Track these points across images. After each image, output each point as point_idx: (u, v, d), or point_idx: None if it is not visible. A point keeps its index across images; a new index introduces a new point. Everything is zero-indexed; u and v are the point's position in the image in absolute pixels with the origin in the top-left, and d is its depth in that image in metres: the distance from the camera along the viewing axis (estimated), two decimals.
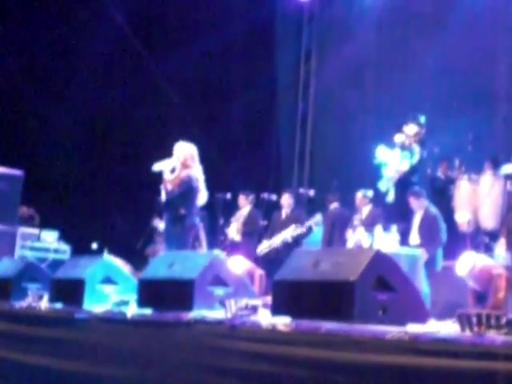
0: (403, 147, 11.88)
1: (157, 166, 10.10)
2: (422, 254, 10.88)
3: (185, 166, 9.99)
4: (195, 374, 5.14)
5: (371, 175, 12.39)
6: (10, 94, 16.26)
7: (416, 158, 11.82)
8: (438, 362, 3.71)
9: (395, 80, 14.55)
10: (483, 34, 13.55)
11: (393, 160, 11.83)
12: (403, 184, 11.79)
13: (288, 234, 12.65)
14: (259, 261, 12.21)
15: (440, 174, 12.80)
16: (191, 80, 16.72)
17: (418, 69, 14.16)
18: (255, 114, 16.88)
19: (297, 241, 12.70)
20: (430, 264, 10.95)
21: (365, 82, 15.25)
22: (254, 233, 13.13)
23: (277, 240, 12.81)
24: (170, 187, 9.99)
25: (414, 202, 11.63)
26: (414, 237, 11.41)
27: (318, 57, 17.93)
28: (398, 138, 11.95)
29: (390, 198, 11.85)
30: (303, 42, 18.19)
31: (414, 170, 11.87)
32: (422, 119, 11.93)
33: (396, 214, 11.77)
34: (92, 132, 16.75)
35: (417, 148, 11.82)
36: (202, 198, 10.14)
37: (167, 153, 10.20)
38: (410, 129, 11.82)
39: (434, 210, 11.78)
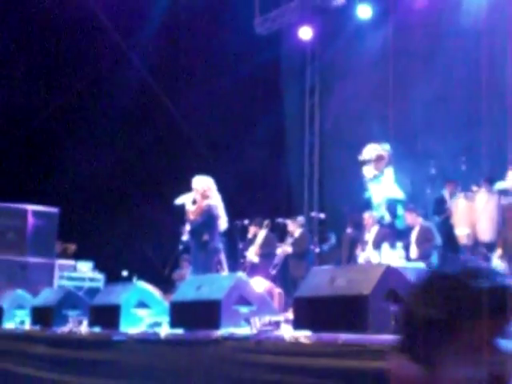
0: (372, 178, 11.83)
1: (179, 200, 10.15)
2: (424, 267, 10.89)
3: (204, 196, 10.03)
4: None
5: None
6: (47, 143, 16.36)
7: (387, 177, 11.75)
8: None
9: (395, 110, 14.58)
10: (468, 65, 13.59)
11: (375, 191, 11.82)
12: (392, 207, 11.76)
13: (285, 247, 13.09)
14: (276, 280, 12.24)
15: (446, 193, 12.76)
16: (207, 118, 16.80)
17: (415, 99, 14.17)
18: (266, 146, 16.92)
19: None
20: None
21: (366, 113, 15.25)
22: (270, 255, 13.14)
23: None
24: (192, 217, 10.03)
25: (409, 217, 11.68)
26: (413, 250, 11.43)
27: (321, 92, 17.99)
28: (365, 170, 11.88)
29: (387, 219, 11.83)
30: (307, 79, 18.24)
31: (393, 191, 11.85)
32: (386, 146, 11.85)
33: (395, 232, 11.79)
34: (119, 172, 16.79)
35: (383, 175, 11.73)
36: (223, 223, 10.17)
37: (188, 186, 10.23)
38: (367, 153, 11.67)
39: (427, 223, 11.83)
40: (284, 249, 13.25)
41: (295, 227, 13.47)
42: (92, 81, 16.37)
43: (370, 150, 11.54)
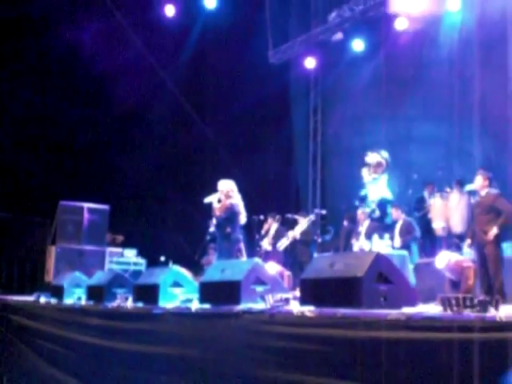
0: (371, 180, 11.82)
1: (207, 199, 10.17)
2: (407, 254, 10.88)
3: (228, 196, 10.05)
4: (244, 353, 5.14)
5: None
6: (101, 153, 16.45)
7: (381, 185, 11.74)
8: (427, 335, 3.70)
9: (384, 126, 14.59)
10: (443, 89, 13.60)
11: (370, 190, 11.81)
12: (383, 206, 11.76)
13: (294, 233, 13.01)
14: (286, 264, 12.24)
15: (426, 194, 12.76)
16: (230, 132, 16.83)
17: (401, 117, 14.18)
18: (279, 156, 16.97)
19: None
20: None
21: (360, 128, 15.27)
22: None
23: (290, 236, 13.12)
24: (218, 213, 10.05)
25: (394, 213, 11.65)
26: (397, 240, 11.41)
27: (323, 111, 18.04)
28: (364, 172, 11.86)
29: (377, 214, 11.81)
30: (311, 101, 18.29)
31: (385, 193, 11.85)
32: (384, 153, 11.84)
33: (383, 225, 11.79)
34: (159, 176, 16.85)
35: (379, 179, 11.71)
36: (243, 218, 10.18)
37: (214, 187, 10.26)
38: (371, 158, 11.68)
39: (409, 218, 11.83)
40: (293, 234, 13.27)
41: (304, 221, 13.46)
42: (139, 101, 16.44)
43: (374, 156, 11.54)
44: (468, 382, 3.43)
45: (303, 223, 13.34)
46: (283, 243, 13.11)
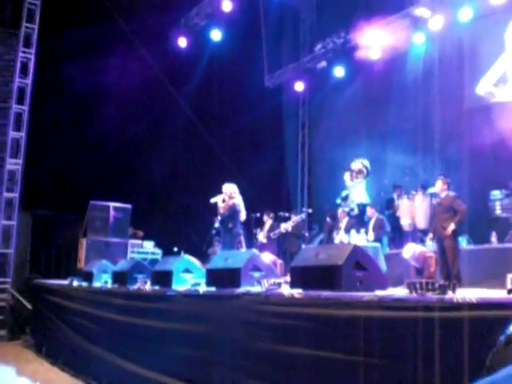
0: (351, 184, 11.88)
1: (213, 199, 10.18)
2: (379, 246, 10.89)
3: (231, 197, 10.07)
4: (243, 328, 5.14)
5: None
6: (124, 160, 16.47)
7: (360, 188, 11.77)
8: (396, 313, 3.70)
9: (362, 139, 14.61)
10: (411, 108, 13.64)
11: (351, 191, 11.86)
12: (362, 206, 11.79)
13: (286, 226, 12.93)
14: (279, 254, 12.23)
15: (395, 195, 12.78)
16: (232, 144, 16.84)
17: (376, 132, 14.18)
18: (273, 163, 16.97)
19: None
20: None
21: (342, 142, 15.28)
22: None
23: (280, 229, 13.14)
24: (222, 211, 10.08)
25: (369, 211, 11.67)
26: (371, 234, 11.41)
27: (309, 127, 18.06)
28: (346, 175, 11.93)
29: (356, 212, 11.83)
30: (300, 118, 18.30)
31: (363, 196, 11.87)
32: (366, 162, 11.88)
33: (360, 222, 11.81)
34: (173, 179, 16.87)
35: (359, 183, 11.76)
36: (243, 216, 10.20)
37: (220, 190, 10.27)
38: (355, 165, 11.78)
39: (381, 216, 11.84)
40: (286, 226, 13.25)
41: (295, 218, 13.45)
42: (156, 117, 16.48)
43: (357, 164, 11.64)
44: (430, 354, 3.43)
45: (294, 219, 13.34)
46: (276, 233, 13.14)
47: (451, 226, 9.28)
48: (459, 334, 3.28)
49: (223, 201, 10.15)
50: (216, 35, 16.41)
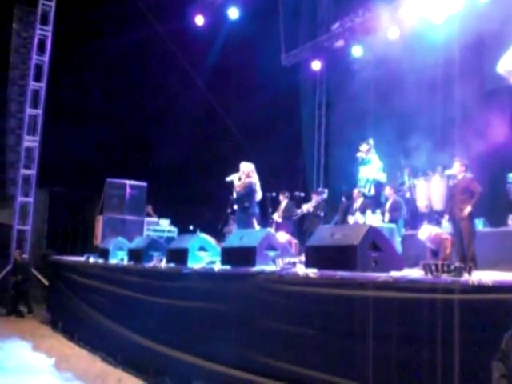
0: (363, 160, 11.86)
1: (229, 178, 10.17)
2: (395, 227, 10.86)
3: (247, 176, 10.03)
4: (258, 306, 5.16)
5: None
6: (141, 140, 16.52)
7: (374, 164, 11.74)
8: (412, 295, 3.69)
9: (378, 119, 14.50)
10: (426, 92, 13.51)
11: (364, 172, 11.84)
12: (378, 187, 11.75)
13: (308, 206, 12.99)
14: (294, 234, 12.22)
15: (406, 176, 12.72)
16: (249, 123, 16.80)
17: (399, 112, 14.02)
18: (290, 143, 16.93)
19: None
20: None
21: (358, 121, 15.20)
22: (289, 217, 13.12)
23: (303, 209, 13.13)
24: (238, 189, 10.05)
25: (388, 191, 11.64)
26: (387, 216, 11.38)
27: (326, 106, 17.98)
28: (359, 154, 11.94)
29: (372, 192, 11.80)
30: (317, 97, 18.22)
31: (378, 171, 11.82)
32: (371, 141, 11.88)
33: (376, 202, 11.78)
34: (189, 158, 16.90)
35: (371, 157, 11.77)
36: (259, 196, 10.16)
37: (235, 169, 10.25)
38: (363, 147, 11.78)
39: (398, 197, 11.79)
40: (308, 206, 13.24)
41: (316, 198, 13.41)
42: (172, 96, 16.47)
43: (364, 146, 11.65)
44: (447, 336, 3.43)
45: (316, 199, 13.30)
46: (298, 214, 13.16)
47: (468, 208, 9.23)
48: (475, 317, 3.27)
49: (239, 179, 10.13)
50: (233, 13, 16.31)
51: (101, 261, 9.64)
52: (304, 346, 4.54)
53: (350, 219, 11.59)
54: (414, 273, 4.52)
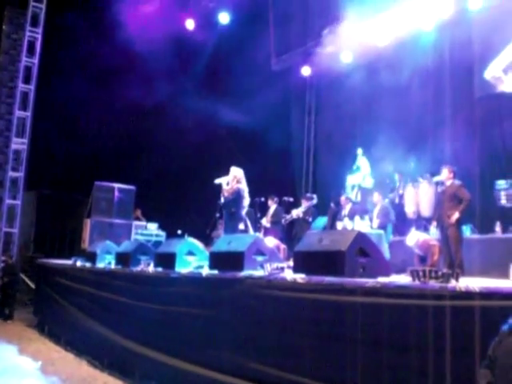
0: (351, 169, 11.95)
1: (217, 180, 10.12)
2: (383, 233, 10.88)
3: (238, 181, 9.99)
4: (246, 311, 5.15)
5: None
6: (131, 146, 16.48)
7: (363, 170, 11.81)
8: (399, 300, 3.70)
9: (366, 126, 14.53)
10: (416, 98, 13.55)
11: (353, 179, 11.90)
12: (363, 189, 11.80)
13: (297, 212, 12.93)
14: (282, 239, 12.20)
15: (397, 180, 12.76)
16: (239, 128, 16.74)
17: (389, 118, 14.04)
18: (279, 148, 16.89)
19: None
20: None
21: (347, 127, 15.22)
22: (278, 222, 13.09)
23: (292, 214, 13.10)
24: (226, 194, 10.01)
25: (376, 197, 11.67)
26: (375, 222, 11.40)
27: (316, 112, 17.99)
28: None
29: (358, 198, 11.83)
30: (306, 103, 18.23)
31: (365, 177, 11.88)
32: (359, 151, 11.91)
33: (363, 208, 11.81)
34: (178, 164, 16.87)
35: (361, 164, 11.83)
36: (246, 202, 10.13)
37: (224, 173, 10.21)
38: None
39: (386, 203, 11.81)
40: (297, 212, 13.21)
41: (306, 203, 13.39)
42: (162, 100, 16.45)
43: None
44: (434, 341, 3.43)
45: (306, 205, 13.28)
46: (288, 219, 13.15)
47: (455, 215, 9.25)
48: (462, 323, 3.28)
49: (227, 183, 10.09)
50: (224, 18, 16.33)
51: (88, 264, 9.61)
52: (293, 351, 4.54)
53: (339, 225, 11.60)
54: (402, 279, 4.54)
